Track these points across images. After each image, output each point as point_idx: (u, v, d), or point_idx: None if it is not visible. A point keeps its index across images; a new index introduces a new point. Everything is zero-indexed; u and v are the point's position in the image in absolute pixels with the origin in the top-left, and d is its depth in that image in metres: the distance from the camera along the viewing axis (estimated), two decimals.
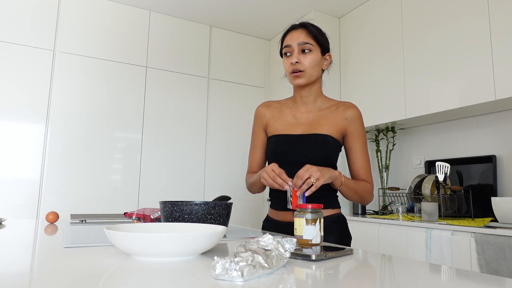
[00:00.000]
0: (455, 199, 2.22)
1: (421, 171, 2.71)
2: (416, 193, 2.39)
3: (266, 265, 0.55)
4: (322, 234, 0.86)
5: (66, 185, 2.70)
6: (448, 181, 2.25)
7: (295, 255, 0.71)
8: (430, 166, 2.62)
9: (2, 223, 1.33)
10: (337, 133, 1.27)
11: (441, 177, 2.20)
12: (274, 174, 1.11)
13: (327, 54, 1.30)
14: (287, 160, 1.25)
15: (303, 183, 1.07)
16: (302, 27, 1.27)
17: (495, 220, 2.07)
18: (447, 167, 2.21)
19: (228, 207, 1.00)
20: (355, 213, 2.82)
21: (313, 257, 0.70)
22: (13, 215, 2.53)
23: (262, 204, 3.47)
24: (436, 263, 0.83)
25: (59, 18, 2.82)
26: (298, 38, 1.24)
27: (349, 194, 1.22)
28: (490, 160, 2.28)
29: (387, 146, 2.90)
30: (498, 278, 0.59)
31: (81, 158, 2.77)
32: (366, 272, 0.64)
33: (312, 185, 1.07)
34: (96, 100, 2.88)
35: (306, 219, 0.84)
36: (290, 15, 3.22)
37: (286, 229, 1.25)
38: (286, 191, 1.12)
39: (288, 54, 1.27)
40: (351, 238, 1.31)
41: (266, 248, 0.60)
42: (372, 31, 2.87)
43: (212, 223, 0.96)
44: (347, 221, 1.33)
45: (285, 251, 0.62)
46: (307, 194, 1.08)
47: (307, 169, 1.08)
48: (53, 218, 1.39)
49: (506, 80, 1.97)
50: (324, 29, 1.35)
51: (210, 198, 3.18)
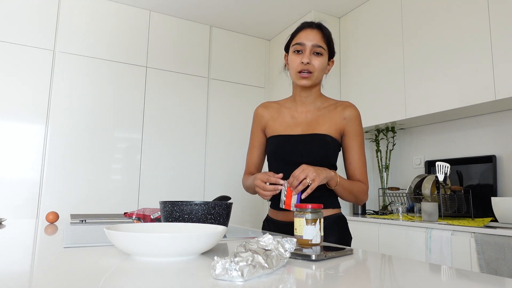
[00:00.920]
0: (455, 199, 2.22)
1: (421, 171, 2.71)
2: (416, 193, 2.39)
3: (266, 265, 0.55)
4: (322, 234, 0.86)
5: (66, 185, 2.70)
6: (448, 181, 2.25)
7: (295, 255, 0.71)
8: (430, 166, 2.62)
9: (2, 223, 1.33)
10: (336, 133, 1.27)
11: (441, 177, 2.20)
12: (263, 184, 1.11)
13: (331, 60, 1.31)
14: (287, 160, 1.25)
15: (299, 184, 1.07)
16: (318, 28, 1.26)
17: (495, 220, 2.07)
18: (447, 167, 2.21)
19: (228, 207, 1.00)
20: (355, 213, 2.82)
21: (313, 257, 0.70)
22: (13, 215, 2.53)
23: (262, 204, 3.47)
24: (436, 263, 0.83)
25: (59, 18, 2.82)
26: (313, 39, 1.23)
27: (344, 194, 1.22)
28: (490, 160, 2.28)
29: (387, 146, 2.90)
30: (498, 278, 0.59)
31: (81, 158, 2.77)
32: (366, 272, 0.64)
33: (308, 187, 1.07)
34: (96, 100, 2.88)
35: (306, 219, 0.84)
36: (290, 15, 3.22)
37: (286, 229, 1.25)
38: (281, 193, 1.12)
39: (300, 52, 1.25)
40: (351, 238, 1.31)
41: (266, 248, 0.60)
42: (372, 31, 2.87)
43: (212, 223, 0.96)
44: (347, 221, 1.33)
45: (285, 251, 0.62)
46: (303, 197, 1.08)
47: (303, 170, 1.08)
48: (53, 218, 1.39)
49: (506, 80, 1.97)
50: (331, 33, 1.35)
51: (210, 198, 3.18)
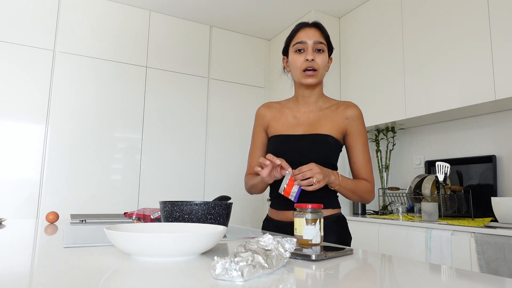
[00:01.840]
0: (455, 199, 2.22)
1: (421, 171, 2.71)
2: (416, 193, 2.39)
3: (266, 265, 0.55)
4: (322, 234, 0.86)
5: (66, 185, 2.70)
6: (448, 181, 2.25)
7: (295, 255, 0.71)
8: (430, 166, 2.62)
9: (2, 223, 1.33)
10: (338, 133, 1.27)
11: (441, 177, 2.20)
12: (264, 159, 1.11)
13: (330, 57, 1.32)
14: (288, 160, 1.25)
15: (303, 179, 1.07)
16: (316, 27, 1.27)
17: (495, 220, 2.07)
18: (447, 167, 2.21)
19: (228, 207, 1.00)
20: (355, 213, 2.82)
21: (313, 257, 0.70)
22: (13, 215, 2.53)
23: (262, 204, 3.47)
24: (436, 263, 0.83)
25: (59, 18, 2.82)
26: (314, 37, 1.24)
27: (347, 194, 1.22)
28: (490, 160, 2.27)
29: (387, 146, 2.90)
30: (498, 278, 0.59)
31: (81, 158, 2.77)
32: (366, 272, 0.64)
33: (312, 185, 1.07)
34: (96, 100, 2.88)
35: (306, 219, 0.84)
36: (290, 15, 3.22)
37: (286, 229, 1.25)
38: (284, 178, 1.11)
39: (302, 51, 1.25)
40: (351, 238, 1.31)
41: (266, 248, 0.60)
42: (372, 31, 2.87)
43: (212, 223, 0.96)
44: (347, 221, 1.33)
45: (285, 251, 0.62)
46: (305, 189, 1.08)
47: (311, 169, 1.08)
48: (53, 218, 1.39)
49: (506, 80, 1.97)
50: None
51: (210, 198, 3.18)
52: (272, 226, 1.32)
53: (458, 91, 2.20)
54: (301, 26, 1.28)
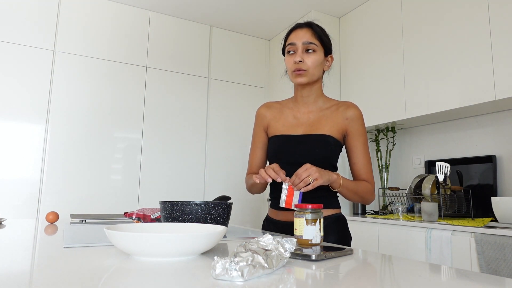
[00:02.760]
0: (455, 199, 2.22)
1: (421, 171, 2.71)
2: (416, 193, 2.39)
3: (266, 265, 0.55)
4: (322, 234, 0.86)
5: (66, 185, 2.70)
6: (448, 181, 2.25)
7: (295, 255, 0.71)
8: (430, 166, 2.62)
9: (2, 223, 1.33)
10: (338, 133, 1.27)
11: (441, 177, 2.20)
12: (269, 169, 1.11)
13: (329, 56, 1.30)
14: (288, 161, 1.25)
15: (301, 182, 1.07)
16: (308, 27, 1.27)
17: (495, 220, 2.07)
18: (447, 167, 2.21)
19: (228, 207, 1.00)
20: (355, 213, 2.82)
21: (313, 257, 0.70)
22: (13, 215, 2.53)
23: (262, 204, 3.47)
24: (436, 263, 0.83)
25: (59, 18, 2.82)
26: (303, 37, 1.24)
27: (349, 195, 1.22)
28: (490, 160, 2.27)
29: (387, 146, 2.90)
30: (498, 278, 0.59)
31: (81, 158, 2.77)
32: (366, 272, 0.64)
33: (309, 184, 1.07)
34: (96, 100, 2.88)
35: (306, 219, 0.84)
36: (290, 15, 3.22)
37: (286, 229, 1.25)
38: (281, 192, 1.12)
39: (292, 52, 1.27)
40: (351, 238, 1.31)
41: (266, 248, 0.60)
42: (372, 31, 2.87)
43: (212, 223, 0.96)
44: (347, 221, 1.33)
45: (285, 251, 0.62)
46: (303, 191, 1.08)
47: (307, 169, 1.08)
48: (53, 218, 1.39)
49: (506, 80, 1.97)
50: (324, 28, 1.35)
51: (210, 198, 3.18)
52: (272, 226, 1.32)
53: (458, 91, 2.20)
54: (293, 28, 1.29)
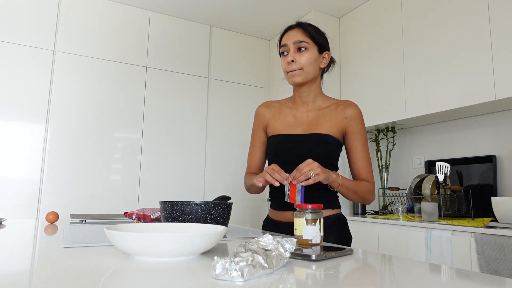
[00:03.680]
0: (455, 199, 2.22)
1: (421, 171, 2.71)
2: (416, 193, 2.39)
3: (266, 265, 0.55)
4: (322, 234, 0.86)
5: (66, 185, 2.70)
6: (448, 181, 2.25)
7: (295, 255, 0.71)
8: (430, 166, 2.62)
9: (2, 223, 1.33)
10: (337, 133, 1.26)
11: (441, 177, 2.20)
12: (273, 171, 1.11)
13: (325, 53, 1.29)
14: (287, 160, 1.25)
15: (301, 175, 1.07)
16: (298, 27, 1.27)
17: (495, 220, 2.07)
18: (447, 167, 2.21)
19: (228, 207, 1.00)
20: (355, 213, 2.82)
21: (313, 257, 0.70)
22: (13, 215, 2.53)
23: (262, 204, 3.47)
24: (436, 263, 0.83)
25: (59, 18, 2.82)
26: (294, 37, 1.25)
27: (349, 195, 1.22)
28: (490, 160, 2.27)
29: (387, 146, 2.90)
30: (498, 278, 0.59)
31: (81, 158, 2.77)
32: (366, 272, 0.64)
33: (310, 178, 1.07)
34: (96, 100, 2.88)
35: (306, 219, 0.84)
36: (290, 15, 3.21)
37: (286, 229, 1.25)
38: (285, 187, 1.12)
39: (285, 54, 1.28)
40: (352, 239, 1.31)
41: (266, 248, 0.60)
42: (372, 31, 2.87)
43: (212, 223, 0.96)
44: (348, 221, 1.33)
45: (285, 251, 0.62)
46: (304, 184, 1.08)
47: (308, 164, 1.08)
48: (53, 218, 1.39)
49: (506, 80, 1.97)
50: (324, 29, 1.35)
51: (210, 198, 3.18)
52: (272, 227, 1.32)
53: (458, 91, 2.20)
54: (285, 30, 1.31)
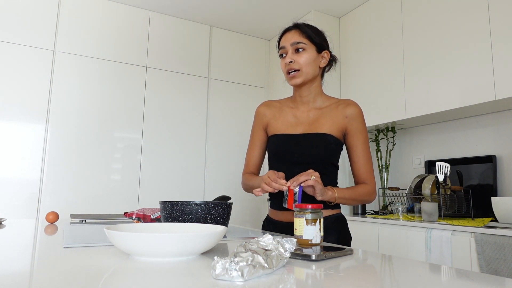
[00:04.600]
0: (455, 199, 2.22)
1: (421, 171, 2.71)
2: (416, 193, 2.39)
3: (266, 265, 0.55)
4: (322, 234, 0.86)
5: (66, 185, 2.70)
6: (448, 181, 2.25)
7: (295, 255, 0.71)
8: (430, 166, 2.62)
9: (2, 223, 1.33)
10: (338, 132, 1.26)
11: (441, 177, 2.20)
12: (270, 181, 1.11)
13: (324, 52, 1.29)
14: (288, 160, 1.25)
15: (301, 176, 1.07)
16: (295, 28, 1.28)
17: (495, 220, 2.07)
18: (447, 167, 2.21)
19: (228, 207, 1.00)
20: (355, 213, 2.82)
21: (313, 257, 0.70)
22: (13, 215, 2.53)
23: (262, 204, 3.47)
24: (436, 263, 0.83)
25: (59, 18, 2.82)
26: (291, 39, 1.26)
27: (348, 203, 1.24)
28: (490, 160, 2.27)
29: (387, 146, 2.90)
30: (498, 278, 0.59)
31: (81, 158, 2.77)
32: (366, 272, 0.64)
33: (311, 180, 1.06)
34: (96, 100, 2.88)
35: (306, 219, 0.84)
36: (290, 15, 3.21)
37: (286, 229, 1.25)
38: (283, 193, 1.13)
39: (284, 56, 1.28)
40: (351, 238, 1.31)
41: (266, 248, 0.60)
42: (372, 31, 2.87)
43: (212, 223, 0.96)
44: (347, 221, 1.33)
45: (285, 251, 0.62)
46: (304, 185, 1.07)
47: (308, 173, 1.08)
48: (53, 218, 1.39)
49: (506, 80, 1.97)
50: (324, 29, 1.35)
51: (210, 198, 3.18)
52: (272, 227, 1.32)
53: (458, 91, 2.20)
54: (282, 32, 1.31)
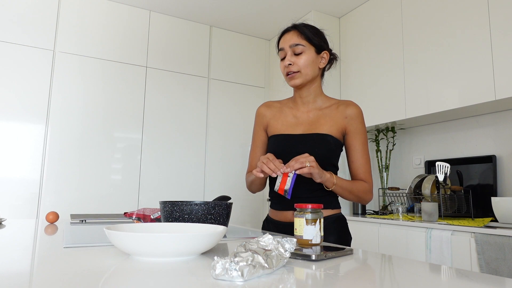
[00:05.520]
0: (455, 199, 2.22)
1: (421, 171, 2.71)
2: (416, 193, 2.39)
3: (266, 265, 0.55)
4: (322, 234, 0.86)
5: (66, 185, 2.70)
6: (448, 181, 2.25)
7: (295, 255, 0.71)
8: (430, 166, 2.62)
9: (2, 223, 1.33)
10: (337, 132, 1.26)
11: (441, 177, 2.20)
12: (268, 160, 1.10)
13: (324, 52, 1.28)
14: (288, 160, 1.25)
15: (297, 163, 1.06)
16: (294, 29, 1.27)
17: (495, 220, 2.07)
18: (447, 167, 2.21)
19: (228, 207, 1.00)
20: (355, 213, 2.82)
21: (313, 257, 0.70)
22: (13, 215, 2.53)
23: (262, 204, 3.47)
24: (436, 263, 0.83)
25: (59, 18, 2.82)
26: (290, 40, 1.25)
27: (344, 194, 1.21)
28: (490, 160, 2.27)
29: (387, 146, 2.90)
30: (498, 278, 0.59)
31: (81, 158, 2.77)
32: (366, 272, 0.64)
33: (305, 167, 1.06)
34: (96, 100, 2.88)
35: (306, 219, 0.84)
36: (290, 15, 3.22)
37: (286, 229, 1.25)
38: (277, 177, 1.11)
39: (283, 58, 1.28)
40: (351, 238, 1.31)
41: (266, 248, 0.60)
42: (372, 31, 2.87)
43: (212, 223, 0.96)
44: (348, 221, 1.33)
45: (285, 251, 0.62)
46: (299, 172, 1.06)
47: (305, 156, 1.08)
48: (53, 218, 1.39)
49: (506, 80, 1.97)
50: (324, 29, 1.35)
51: (210, 198, 3.18)
52: (272, 227, 1.32)
53: (458, 91, 2.20)
54: (281, 33, 1.31)
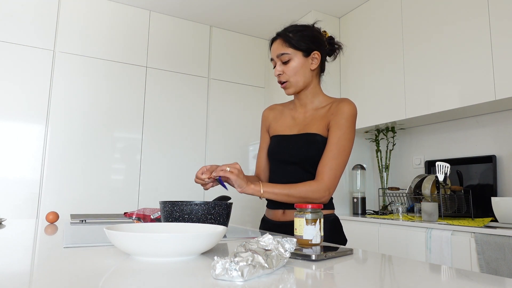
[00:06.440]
0: (455, 199, 2.22)
1: (421, 171, 2.71)
2: (416, 193, 2.39)
3: (266, 265, 0.55)
4: (322, 234, 0.86)
5: (66, 185, 2.70)
6: (448, 181, 2.25)
7: (295, 255, 0.71)
8: (430, 166, 2.62)
9: (2, 223, 1.33)
10: (325, 130, 1.24)
11: (441, 177, 2.20)
12: (197, 174, 1.15)
13: (314, 53, 1.25)
14: (280, 160, 1.28)
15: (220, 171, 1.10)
16: (278, 38, 1.27)
17: (495, 220, 2.07)
18: (447, 167, 2.21)
19: (228, 207, 1.01)
20: (355, 213, 2.82)
21: (313, 257, 0.70)
22: (13, 215, 2.53)
23: (262, 204, 3.47)
24: (436, 263, 0.83)
25: (59, 18, 2.82)
26: (276, 50, 1.26)
27: (283, 199, 1.15)
28: (490, 160, 2.27)
29: (387, 146, 2.90)
30: (498, 278, 0.59)
31: (81, 158, 2.77)
32: (366, 272, 0.64)
33: (226, 171, 1.09)
34: (96, 100, 2.88)
35: (306, 219, 0.84)
36: (290, 15, 3.22)
37: (275, 228, 1.27)
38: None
39: (274, 66, 1.29)
40: (347, 241, 1.28)
41: (266, 248, 0.60)
42: (372, 31, 2.87)
43: (212, 223, 0.96)
44: (344, 223, 1.31)
45: (285, 251, 0.62)
46: (221, 174, 1.10)
47: (230, 165, 1.12)
48: (53, 218, 1.39)
49: (506, 80, 1.97)
50: (324, 29, 1.35)
51: (210, 198, 3.18)
52: (264, 225, 1.35)
53: (458, 91, 2.20)
54: (270, 42, 1.31)
